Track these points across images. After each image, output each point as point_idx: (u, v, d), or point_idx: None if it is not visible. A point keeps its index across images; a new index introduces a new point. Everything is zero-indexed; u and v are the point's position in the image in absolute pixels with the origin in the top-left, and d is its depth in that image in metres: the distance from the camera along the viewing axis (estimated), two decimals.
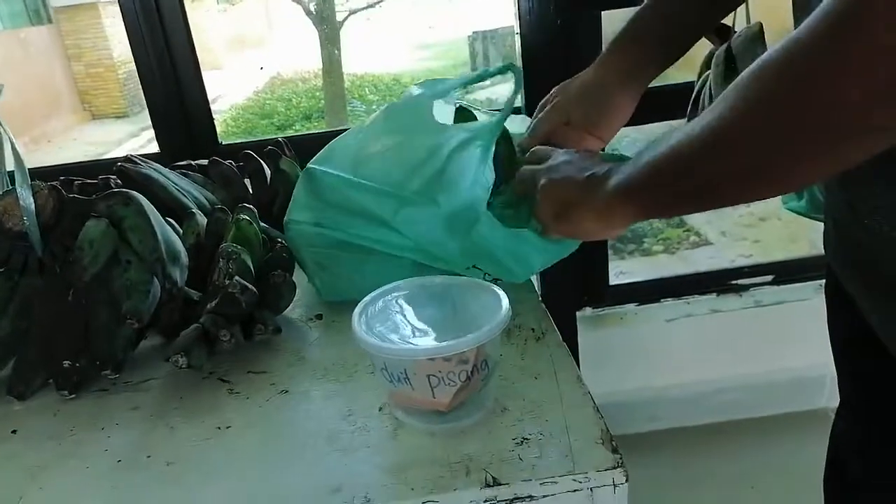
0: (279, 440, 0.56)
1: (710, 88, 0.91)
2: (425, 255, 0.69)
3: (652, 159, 0.51)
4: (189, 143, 1.29)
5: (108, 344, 0.65)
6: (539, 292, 0.78)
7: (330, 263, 0.74)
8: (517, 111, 0.81)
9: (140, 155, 1.29)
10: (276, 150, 1.00)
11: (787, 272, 1.60)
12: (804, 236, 2.54)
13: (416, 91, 0.80)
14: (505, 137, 0.77)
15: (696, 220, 3.13)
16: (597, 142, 0.77)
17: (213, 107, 1.36)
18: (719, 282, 1.61)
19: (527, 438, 0.52)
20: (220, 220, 0.77)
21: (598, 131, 0.76)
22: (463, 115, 0.83)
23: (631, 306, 1.59)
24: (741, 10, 0.87)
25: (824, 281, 0.75)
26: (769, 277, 1.60)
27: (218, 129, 1.37)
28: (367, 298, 0.59)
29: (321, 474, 0.52)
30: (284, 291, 0.72)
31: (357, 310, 0.57)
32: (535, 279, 0.88)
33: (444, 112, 0.80)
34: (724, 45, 0.89)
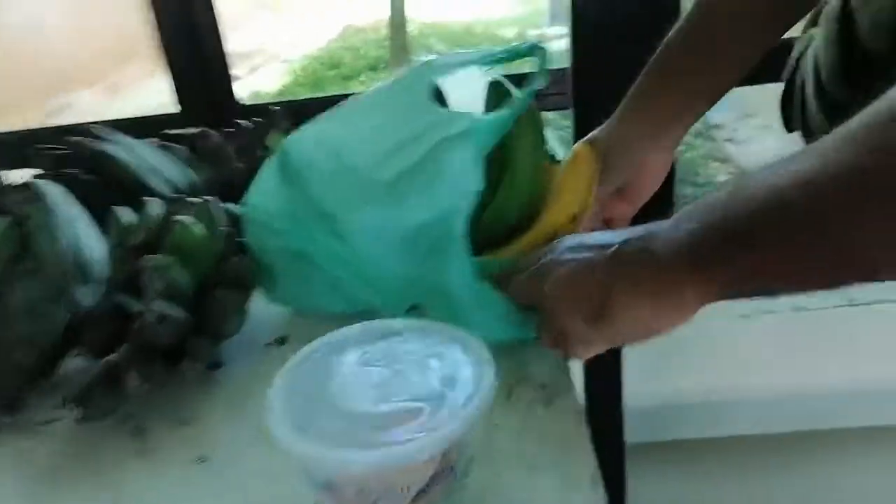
0: None
1: (815, 51, 0.68)
2: (355, 278, 0.53)
3: (738, 210, 0.34)
4: (209, 104, 1.16)
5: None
6: None
7: (284, 266, 0.59)
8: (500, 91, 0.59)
9: (158, 115, 1.19)
10: (265, 122, 0.84)
11: None
12: None
13: (421, 65, 0.61)
14: (531, 125, 0.57)
15: None
16: (624, 208, 0.64)
17: (285, 55, 1.22)
18: None
19: None
20: (171, 216, 0.62)
21: (626, 198, 0.63)
22: (497, 93, 0.63)
23: None
24: None
25: None
26: None
27: (286, 81, 1.22)
28: (302, 352, 0.43)
29: None
30: (230, 313, 0.57)
31: (283, 370, 0.41)
32: None
33: (471, 88, 0.61)
34: None
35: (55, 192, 0.55)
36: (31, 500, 0.47)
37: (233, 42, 1.15)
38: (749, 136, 3.30)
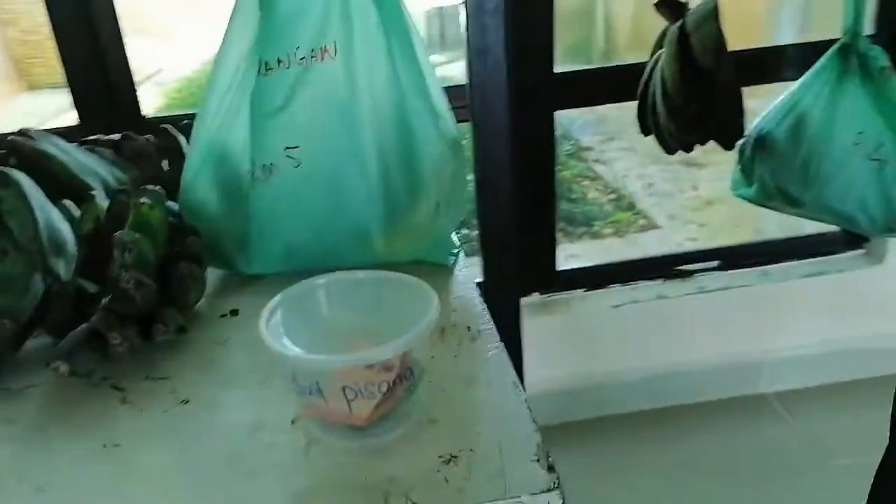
0: (174, 460, 0.49)
1: (661, 69, 0.86)
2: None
3: None
4: (110, 119, 1.20)
5: None
6: (481, 279, 0.72)
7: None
8: None
9: (56, 128, 1.20)
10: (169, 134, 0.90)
11: (731, 258, 1.60)
12: (749, 223, 2.57)
13: None
14: None
15: (645, 203, 3.14)
16: None
17: (157, 78, 1.27)
18: (666, 267, 1.59)
19: (455, 456, 0.47)
20: (122, 204, 0.68)
21: None
22: None
23: (578, 292, 1.56)
24: None
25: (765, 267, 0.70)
26: (714, 263, 1.59)
27: (160, 103, 1.28)
28: (279, 296, 0.52)
29: (219, 502, 0.45)
30: (192, 284, 0.64)
31: (267, 307, 0.50)
32: (475, 266, 0.83)
33: None
34: (678, 23, 0.84)
35: (25, 179, 0.61)
36: (27, 455, 0.51)
37: None
38: (614, 157, 3.66)
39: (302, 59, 0.66)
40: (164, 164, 0.89)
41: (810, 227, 1.47)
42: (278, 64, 0.66)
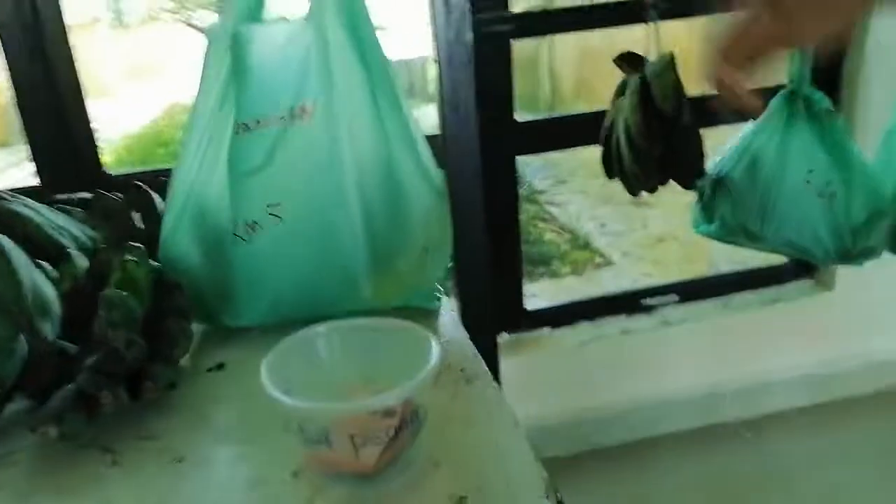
0: None
1: (624, 114, 0.91)
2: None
3: None
4: (72, 176, 1.19)
5: None
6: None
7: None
8: None
9: (18, 189, 1.17)
10: (168, 181, 0.90)
11: (690, 291, 1.65)
12: (702, 257, 2.67)
13: None
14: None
15: (599, 242, 3.23)
16: None
17: (103, 136, 1.26)
18: (629, 303, 1.64)
19: (464, 497, 0.47)
20: (104, 262, 0.68)
21: None
22: None
23: (546, 330, 1.58)
24: (652, 39, 0.88)
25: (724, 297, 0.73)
26: (675, 297, 1.64)
27: (110, 160, 1.27)
28: (279, 345, 0.52)
29: None
30: (180, 339, 0.64)
31: (267, 359, 0.50)
32: (453, 309, 0.84)
33: None
34: (638, 75, 0.89)
35: (6, 240, 0.60)
36: None
37: None
38: (566, 199, 3.76)
39: (281, 118, 0.66)
40: (138, 220, 0.88)
41: (760, 258, 1.54)
42: (256, 124, 0.66)
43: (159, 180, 0.91)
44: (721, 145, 0.99)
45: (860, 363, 1.68)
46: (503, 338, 1.55)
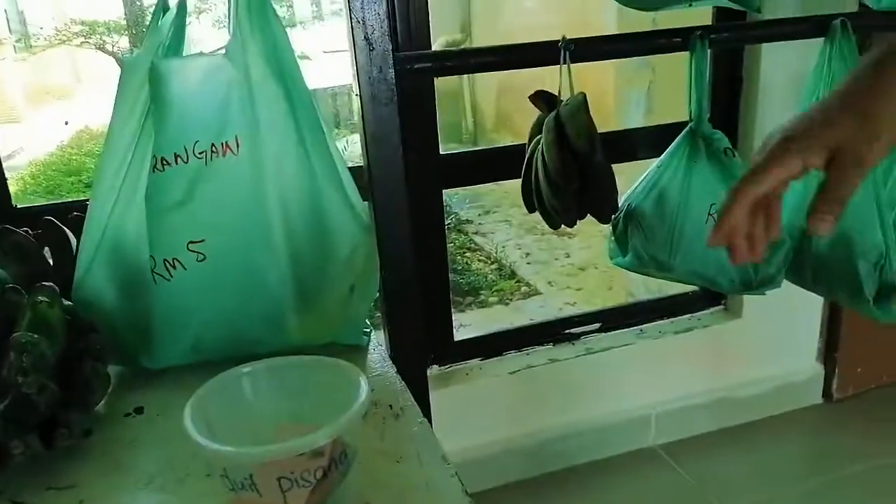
0: None
1: (542, 152, 0.94)
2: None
3: None
4: None
5: None
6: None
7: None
8: None
9: None
10: (82, 216, 0.87)
11: (610, 320, 1.71)
12: (620, 284, 2.78)
13: None
14: None
15: (525, 271, 3.30)
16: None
17: (8, 163, 1.19)
18: (554, 332, 1.68)
19: None
20: (13, 303, 0.64)
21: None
22: None
23: (476, 361, 1.60)
24: (564, 78, 0.92)
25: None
26: (596, 325, 1.70)
27: (14, 188, 1.20)
28: (202, 387, 0.51)
29: None
30: (95, 384, 0.61)
31: (190, 402, 0.49)
32: (382, 341, 0.84)
33: None
34: (553, 113, 0.93)
35: None
36: None
37: None
38: (492, 229, 3.83)
39: (201, 153, 0.64)
40: (49, 258, 0.85)
41: (674, 287, 1.62)
42: (175, 159, 0.64)
43: (73, 215, 0.88)
44: (635, 180, 1.05)
45: (770, 387, 1.78)
46: (433, 370, 1.56)
